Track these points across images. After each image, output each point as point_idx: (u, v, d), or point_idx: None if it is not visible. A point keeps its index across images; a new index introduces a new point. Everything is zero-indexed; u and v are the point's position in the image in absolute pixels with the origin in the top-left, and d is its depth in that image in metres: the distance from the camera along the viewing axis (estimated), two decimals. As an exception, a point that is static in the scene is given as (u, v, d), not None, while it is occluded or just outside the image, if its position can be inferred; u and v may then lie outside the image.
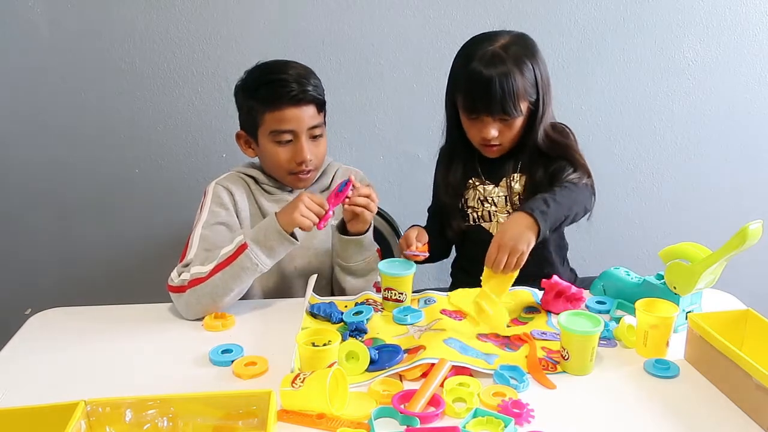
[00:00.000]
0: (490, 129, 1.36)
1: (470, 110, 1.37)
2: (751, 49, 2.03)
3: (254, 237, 1.26)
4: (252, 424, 0.90)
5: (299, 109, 1.36)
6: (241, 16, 1.86)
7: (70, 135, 1.93)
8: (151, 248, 2.04)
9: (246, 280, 1.27)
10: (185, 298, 1.26)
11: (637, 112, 2.07)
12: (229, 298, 1.27)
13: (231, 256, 1.25)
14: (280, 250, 1.28)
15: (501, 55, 1.32)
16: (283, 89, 1.34)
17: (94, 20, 1.83)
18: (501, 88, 1.30)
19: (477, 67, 1.32)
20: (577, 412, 0.99)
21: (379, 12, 1.89)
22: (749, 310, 1.14)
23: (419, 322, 1.24)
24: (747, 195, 2.19)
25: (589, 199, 1.38)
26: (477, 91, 1.33)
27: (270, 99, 1.36)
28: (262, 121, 1.38)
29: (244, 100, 1.41)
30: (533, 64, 1.35)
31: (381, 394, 1.00)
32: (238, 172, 1.48)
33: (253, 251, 1.24)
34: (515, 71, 1.31)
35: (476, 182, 1.49)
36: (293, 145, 1.38)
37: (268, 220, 1.28)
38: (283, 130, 1.37)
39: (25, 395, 1.03)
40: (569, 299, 1.28)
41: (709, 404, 1.00)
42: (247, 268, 1.25)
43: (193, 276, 1.26)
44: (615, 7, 1.95)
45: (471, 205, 1.49)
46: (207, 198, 1.41)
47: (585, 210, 1.37)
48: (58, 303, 1.36)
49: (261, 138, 1.40)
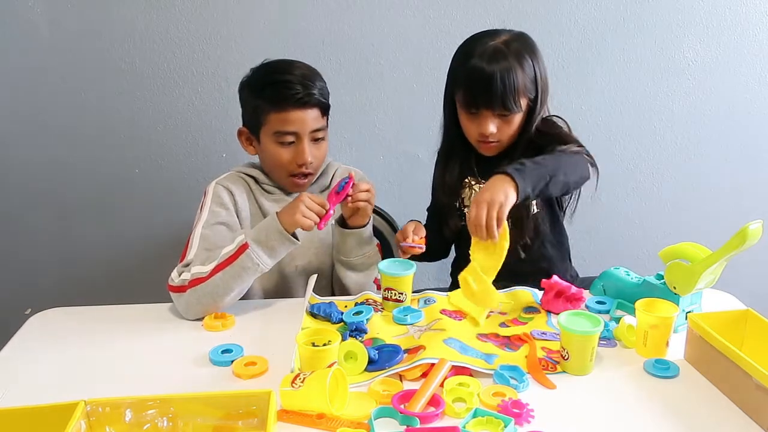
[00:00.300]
0: (489, 124, 1.36)
1: (470, 105, 1.36)
2: (751, 49, 2.03)
3: (255, 237, 1.26)
4: (252, 424, 0.90)
5: (303, 112, 1.36)
6: (241, 16, 1.86)
7: (70, 135, 1.93)
8: (151, 248, 2.04)
9: (247, 279, 1.27)
10: (185, 298, 1.26)
11: (637, 112, 2.07)
12: (229, 298, 1.27)
13: (232, 255, 1.25)
14: (281, 250, 1.28)
15: (503, 50, 1.32)
16: (288, 91, 1.34)
17: (94, 20, 1.83)
18: (502, 82, 1.30)
19: (478, 62, 1.32)
20: (577, 412, 0.99)
21: (379, 12, 1.89)
22: (749, 310, 1.14)
23: (419, 322, 1.24)
24: (747, 195, 2.19)
25: (583, 166, 1.33)
26: (478, 85, 1.33)
27: (275, 100, 1.36)
28: (266, 120, 1.38)
29: (249, 98, 1.41)
30: (533, 61, 1.35)
31: (381, 394, 1.00)
32: (238, 171, 1.48)
33: (255, 251, 1.24)
34: (516, 66, 1.31)
35: (472, 181, 1.49)
36: (295, 146, 1.39)
37: (269, 220, 1.28)
38: (287, 132, 1.37)
39: (25, 395, 1.03)
40: (569, 299, 1.28)
41: (709, 404, 1.00)
42: (248, 268, 1.25)
43: (194, 276, 1.26)
44: (615, 7, 1.95)
45: (467, 204, 1.49)
46: (207, 198, 1.41)
47: (581, 177, 1.33)
48: (58, 303, 1.36)
49: (263, 137, 1.40)
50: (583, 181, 1.35)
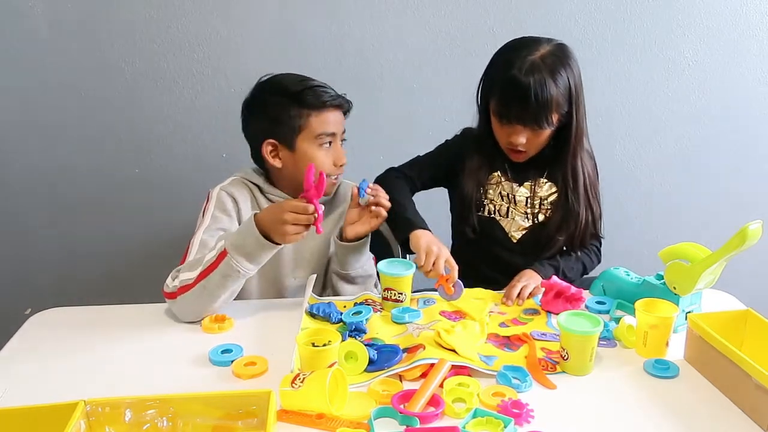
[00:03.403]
0: (519, 137, 1.38)
1: (503, 116, 1.38)
2: (751, 49, 2.03)
3: (234, 242, 1.22)
4: (252, 424, 0.90)
5: (338, 113, 1.42)
6: (241, 16, 1.86)
7: (70, 135, 1.93)
8: (151, 248, 2.04)
9: (231, 286, 1.24)
10: (177, 304, 1.26)
11: (637, 112, 2.07)
12: (218, 304, 1.25)
13: (213, 263, 1.22)
14: (263, 256, 1.24)
15: (539, 67, 1.33)
16: (326, 94, 1.39)
17: (94, 20, 1.83)
18: (536, 100, 1.32)
19: (516, 76, 1.32)
20: (576, 412, 0.99)
21: (379, 12, 1.89)
22: (749, 310, 1.14)
23: (418, 320, 1.24)
24: (747, 195, 2.19)
25: (592, 265, 1.53)
26: (512, 100, 1.35)
27: (316, 103, 1.38)
28: (307, 125, 1.38)
29: (282, 109, 1.38)
30: (568, 76, 1.36)
31: (381, 394, 1.00)
32: (242, 177, 1.47)
33: (234, 258, 1.21)
34: (551, 84, 1.33)
35: (501, 177, 1.49)
36: (332, 149, 1.42)
37: (247, 226, 1.23)
38: (327, 133, 1.39)
39: (24, 395, 1.03)
40: (569, 299, 1.28)
41: (708, 404, 1.00)
42: (229, 276, 1.22)
43: (182, 283, 1.25)
44: (615, 7, 1.96)
45: (490, 198, 1.49)
46: (210, 203, 1.40)
47: (583, 273, 1.52)
48: (58, 303, 1.36)
49: (302, 143, 1.39)
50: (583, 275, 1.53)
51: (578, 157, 1.46)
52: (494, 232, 1.50)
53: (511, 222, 1.49)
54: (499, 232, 1.50)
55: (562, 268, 1.43)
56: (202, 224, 1.37)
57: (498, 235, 1.50)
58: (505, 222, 1.49)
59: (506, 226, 1.49)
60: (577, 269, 1.49)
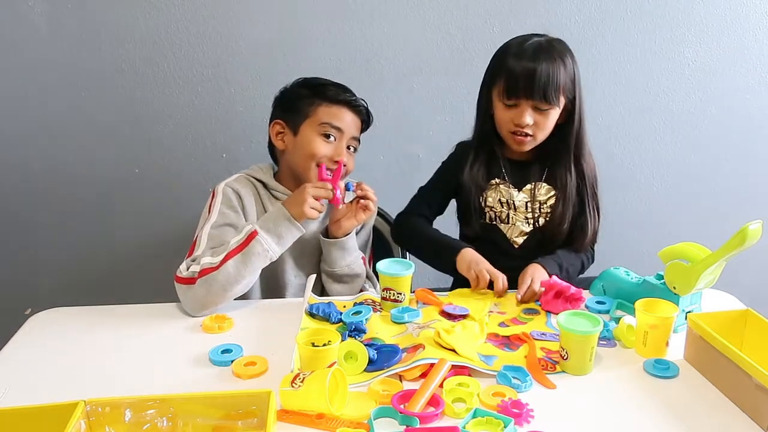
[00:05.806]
0: (525, 115, 1.38)
1: (510, 95, 1.38)
2: (751, 49, 2.03)
3: (262, 225, 1.31)
4: (252, 424, 0.90)
5: (351, 114, 1.46)
6: (241, 16, 1.86)
7: (70, 135, 1.93)
8: (151, 248, 2.04)
9: (257, 266, 1.30)
10: (195, 290, 1.27)
11: (637, 112, 2.07)
12: (239, 287, 1.29)
13: (241, 244, 1.29)
14: (288, 238, 1.33)
15: (546, 47, 1.37)
16: (346, 93, 1.46)
17: (94, 20, 1.83)
18: (545, 74, 1.34)
19: (522, 55, 1.36)
20: (576, 412, 0.99)
21: (379, 12, 1.89)
22: (749, 310, 1.14)
23: (417, 320, 1.24)
24: (747, 195, 2.19)
25: (587, 264, 1.53)
26: (521, 75, 1.36)
27: (331, 96, 1.44)
28: (315, 112, 1.44)
29: (301, 89, 1.48)
30: (573, 64, 1.40)
31: (380, 394, 1.00)
32: (247, 175, 1.49)
33: (263, 238, 1.29)
34: (559, 62, 1.36)
35: (500, 183, 1.49)
36: (335, 144, 1.44)
37: (276, 209, 1.34)
38: (333, 125, 1.43)
39: (24, 395, 1.03)
40: (569, 299, 1.28)
41: (708, 404, 1.00)
42: (258, 254, 1.28)
43: (204, 266, 1.28)
44: (615, 7, 1.96)
45: (490, 205, 1.49)
46: (216, 199, 1.42)
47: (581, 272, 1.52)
48: (58, 303, 1.36)
49: (305, 128, 1.44)
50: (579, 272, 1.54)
51: (578, 158, 1.46)
52: (496, 239, 1.50)
53: (512, 228, 1.49)
54: (501, 239, 1.50)
55: (565, 267, 1.43)
56: (209, 219, 1.39)
57: (500, 241, 1.50)
58: (507, 228, 1.49)
59: (508, 232, 1.49)
60: (577, 266, 1.49)
